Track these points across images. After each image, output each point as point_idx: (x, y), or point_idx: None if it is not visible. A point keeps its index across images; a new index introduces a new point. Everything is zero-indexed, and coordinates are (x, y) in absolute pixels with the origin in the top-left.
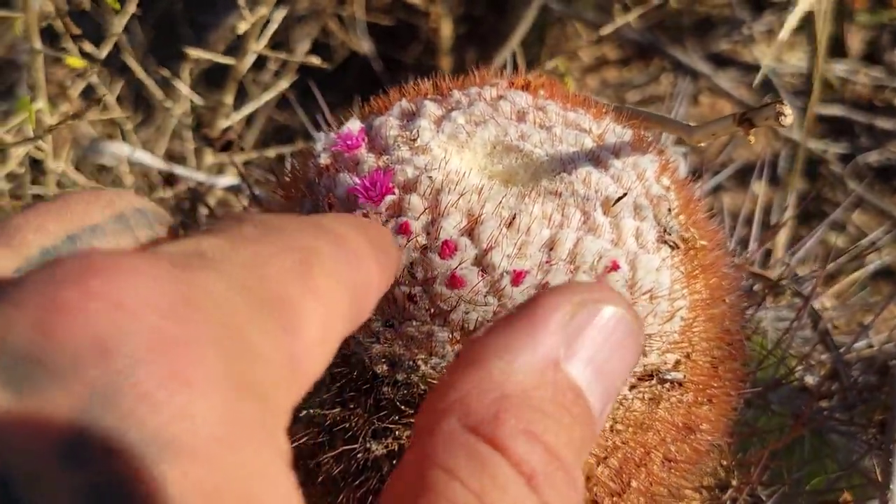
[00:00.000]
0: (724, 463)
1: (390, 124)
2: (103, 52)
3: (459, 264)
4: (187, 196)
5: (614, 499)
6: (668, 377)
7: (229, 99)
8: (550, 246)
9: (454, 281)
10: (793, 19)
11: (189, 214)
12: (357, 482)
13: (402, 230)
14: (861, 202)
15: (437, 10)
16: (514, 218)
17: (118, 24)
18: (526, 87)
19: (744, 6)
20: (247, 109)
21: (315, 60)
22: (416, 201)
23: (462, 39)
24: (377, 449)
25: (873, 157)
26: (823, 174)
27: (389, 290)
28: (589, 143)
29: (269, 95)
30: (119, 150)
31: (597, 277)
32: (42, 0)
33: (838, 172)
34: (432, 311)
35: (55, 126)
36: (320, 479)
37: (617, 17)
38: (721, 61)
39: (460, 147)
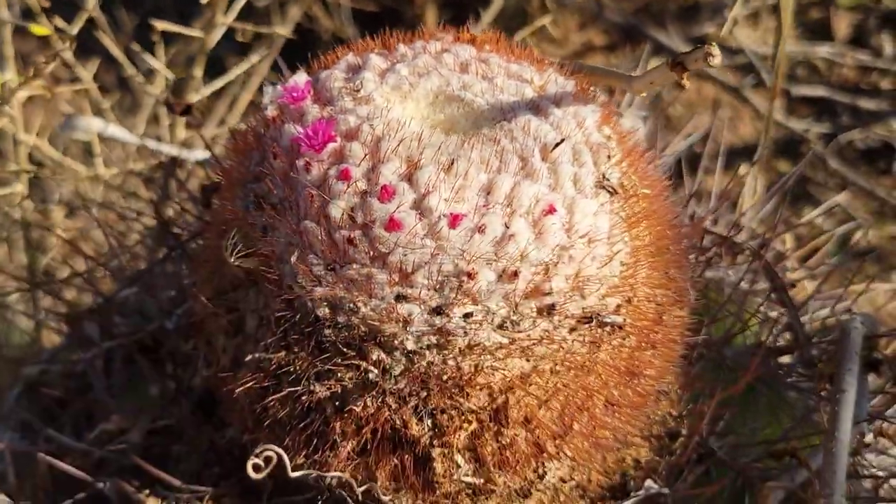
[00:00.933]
0: (674, 412)
1: (335, 77)
2: (75, 28)
3: (398, 208)
4: (161, 170)
5: (557, 441)
6: (608, 320)
7: (198, 72)
8: (488, 190)
9: (392, 224)
10: None
11: (163, 187)
12: (302, 424)
13: (343, 176)
14: (846, 184)
15: None
16: (452, 163)
17: (89, 2)
18: (472, 42)
19: None
20: (217, 83)
21: (283, 31)
22: (356, 148)
23: (447, 25)
24: (320, 391)
25: (856, 137)
26: (804, 154)
27: (329, 235)
28: (530, 92)
29: (239, 70)
30: (93, 126)
31: (533, 221)
32: None
33: (820, 152)
34: (372, 253)
35: (18, 87)
36: (267, 423)
37: None
38: (703, 43)
39: (403, 97)
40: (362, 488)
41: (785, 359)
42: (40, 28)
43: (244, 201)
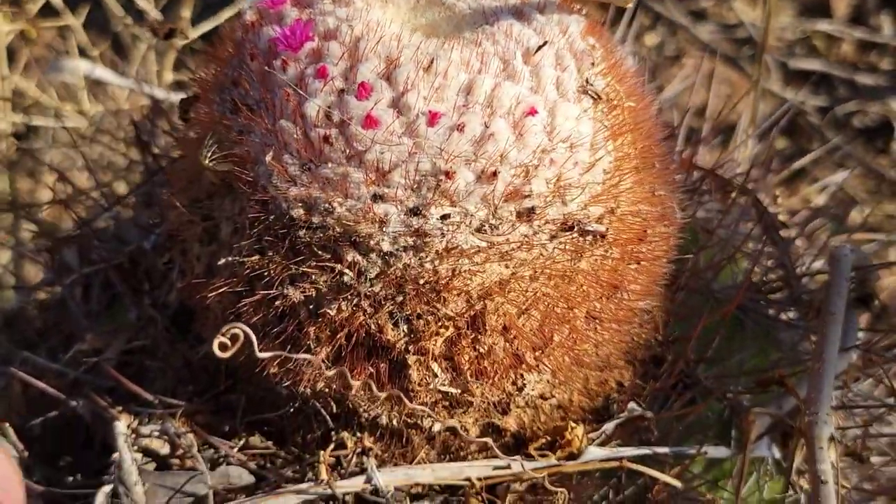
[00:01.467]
0: (659, 337)
1: None
2: None
3: (375, 105)
4: (148, 110)
5: (536, 353)
6: (590, 228)
7: (186, 13)
8: (468, 90)
9: (369, 121)
10: None
11: (150, 129)
12: (276, 330)
13: (320, 74)
14: (843, 160)
15: None
16: (432, 62)
17: None
18: None
19: None
20: (206, 25)
21: None
22: (334, 47)
23: None
24: (294, 294)
25: (852, 109)
26: (802, 125)
27: (305, 134)
28: None
29: (229, 12)
30: (80, 67)
31: (514, 122)
32: None
33: (816, 124)
34: (348, 152)
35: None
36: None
37: None
38: (700, 17)
39: (384, 2)
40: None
41: (774, 296)
42: None
43: (221, 105)
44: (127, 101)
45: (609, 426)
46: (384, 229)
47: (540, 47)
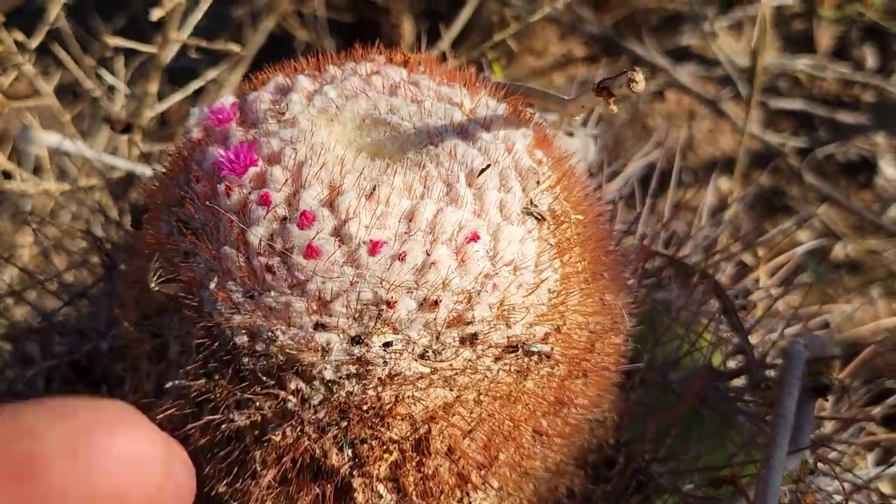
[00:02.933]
0: (611, 441)
1: (262, 99)
2: (34, 42)
3: (317, 234)
4: (119, 184)
5: (482, 472)
6: (535, 349)
7: (153, 88)
8: (410, 216)
9: (311, 251)
10: None
11: (121, 200)
12: (223, 452)
13: (263, 201)
14: (826, 198)
15: (399, 7)
16: (374, 189)
17: (51, 14)
18: (404, 64)
19: (710, 4)
20: (173, 98)
21: (234, 48)
22: (277, 173)
23: (425, 36)
24: (240, 419)
25: (833, 151)
26: (782, 168)
27: (248, 262)
28: (459, 116)
29: (196, 85)
30: (49, 140)
31: (456, 248)
32: None
33: (796, 166)
34: (290, 281)
35: None
36: (188, 450)
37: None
38: (682, 56)
39: (330, 120)
40: None
41: (735, 382)
42: None
43: (168, 225)
44: (90, 174)
45: None
46: (326, 358)
47: (483, 170)
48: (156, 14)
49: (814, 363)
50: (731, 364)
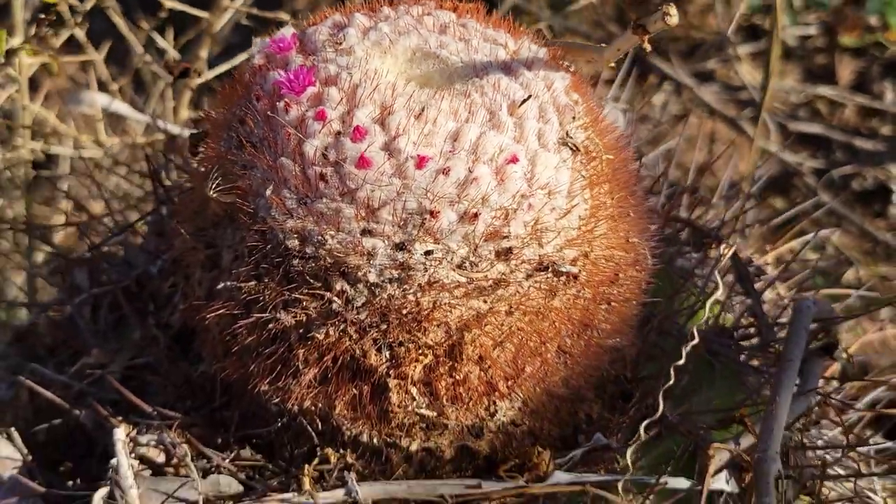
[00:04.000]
0: (629, 374)
1: (321, 32)
2: (88, 4)
3: (368, 147)
4: (162, 145)
5: (509, 382)
6: (564, 269)
7: (203, 53)
8: (455, 137)
9: (362, 162)
10: None
11: (163, 162)
12: (267, 350)
13: (319, 116)
14: (840, 224)
15: None
16: (422, 110)
17: None
18: (454, 9)
19: (737, 34)
20: (222, 67)
21: (284, 16)
22: (333, 93)
23: None
24: (286, 318)
25: (849, 172)
26: (798, 186)
27: (303, 171)
28: (503, 55)
29: (244, 56)
30: (98, 100)
31: (496, 168)
32: None
33: (812, 185)
34: (341, 189)
35: (20, 47)
36: (235, 349)
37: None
38: (706, 79)
39: (383, 52)
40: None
41: (745, 343)
42: None
43: (227, 142)
44: (143, 135)
45: (576, 453)
46: (371, 262)
47: (524, 101)
48: None
49: (820, 321)
50: (744, 326)
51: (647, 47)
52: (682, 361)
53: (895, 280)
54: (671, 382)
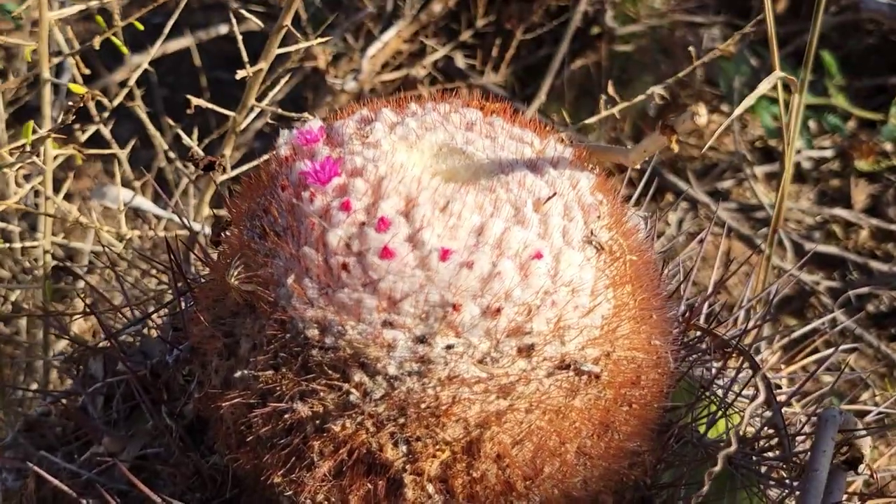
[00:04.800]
0: (649, 480)
1: (348, 125)
2: (114, 101)
3: (392, 238)
4: (184, 240)
5: (527, 482)
6: (586, 368)
7: (227, 151)
8: (479, 231)
9: (386, 252)
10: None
11: (183, 256)
12: (283, 441)
13: (344, 207)
14: (856, 348)
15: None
16: (447, 203)
17: (132, 76)
18: (480, 108)
19: (753, 154)
20: (245, 165)
21: (309, 117)
22: (359, 184)
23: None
24: (303, 409)
25: (865, 292)
26: (814, 306)
27: (326, 261)
28: (529, 153)
29: (266, 156)
30: (123, 196)
31: (520, 264)
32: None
33: (828, 304)
34: (364, 279)
35: (45, 135)
36: (249, 440)
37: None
38: (721, 198)
39: (409, 147)
40: None
41: (766, 455)
42: (77, 87)
43: (250, 231)
44: (164, 230)
45: None
46: (391, 354)
47: (549, 198)
48: (239, 74)
49: (845, 433)
50: (764, 437)
51: (675, 148)
52: (705, 489)
53: None
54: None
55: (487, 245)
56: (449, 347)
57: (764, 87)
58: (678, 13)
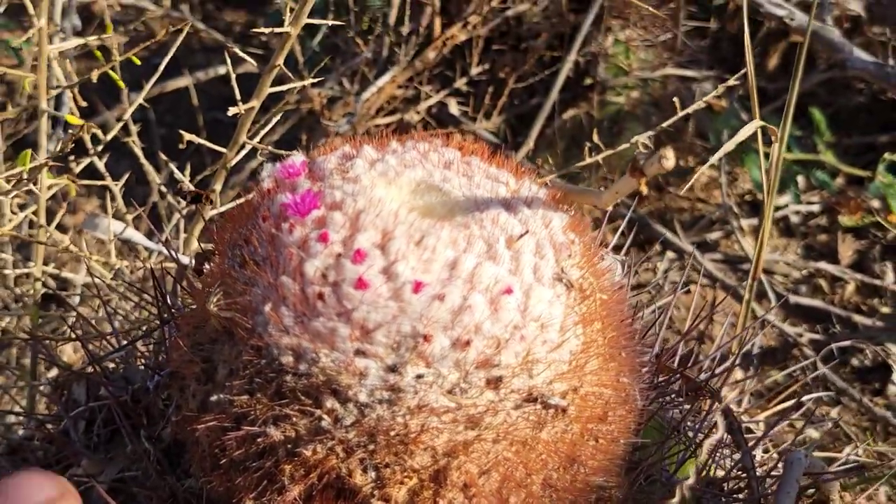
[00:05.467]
0: None
1: (330, 160)
2: (109, 135)
3: (367, 269)
4: (170, 271)
5: None
6: (553, 402)
7: (218, 185)
8: (452, 265)
9: (360, 283)
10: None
11: (169, 286)
12: (255, 464)
13: (322, 238)
14: (839, 401)
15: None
16: (422, 238)
17: (127, 111)
18: (459, 148)
19: (741, 207)
20: (234, 202)
21: (296, 154)
22: (337, 217)
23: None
24: (276, 434)
25: (847, 344)
26: (797, 357)
27: (303, 290)
28: (504, 192)
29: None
30: (113, 227)
31: (491, 298)
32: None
33: (811, 355)
34: (338, 309)
35: (42, 164)
36: (222, 462)
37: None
38: (708, 249)
39: (388, 183)
40: None
41: (735, 496)
42: (73, 118)
43: (231, 260)
44: (153, 262)
45: None
46: (363, 382)
47: (522, 235)
48: (231, 111)
49: (812, 476)
50: (734, 479)
51: (644, 190)
52: None
53: (894, 459)
54: None
55: (459, 279)
56: (419, 377)
57: (744, 134)
58: (670, 67)
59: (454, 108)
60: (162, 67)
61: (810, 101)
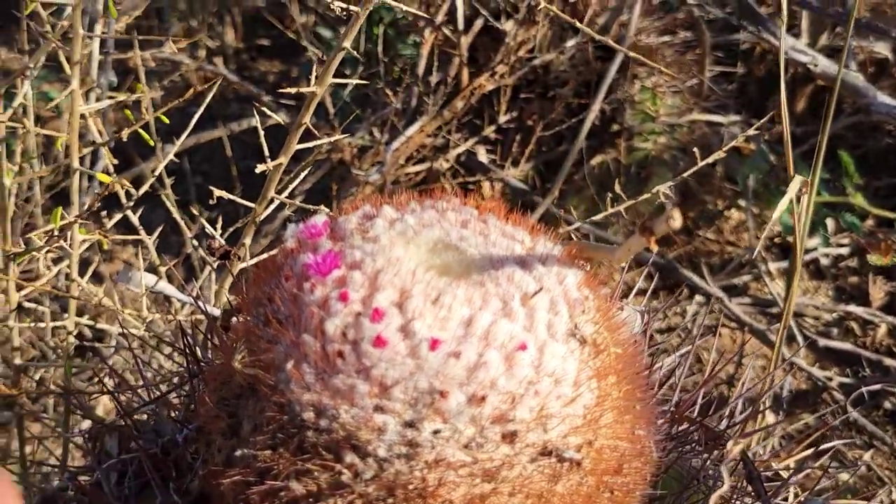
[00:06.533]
0: None
1: (351, 220)
2: (141, 190)
3: (385, 328)
4: (201, 324)
5: None
6: (567, 455)
7: (247, 240)
8: (468, 323)
9: (379, 341)
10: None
11: (199, 340)
12: None
13: (342, 298)
14: (872, 444)
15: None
16: (439, 296)
17: (158, 166)
18: (476, 207)
19: (769, 251)
20: (262, 256)
21: (324, 210)
22: (357, 277)
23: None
24: (297, 488)
25: (876, 388)
26: (827, 401)
27: (323, 348)
28: (519, 250)
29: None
30: (146, 280)
31: (506, 354)
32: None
33: (840, 400)
34: (357, 366)
35: (72, 221)
36: None
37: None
38: (737, 293)
39: (407, 242)
40: None
41: None
42: (104, 176)
43: (255, 318)
44: (184, 314)
45: None
46: (381, 437)
47: (536, 292)
48: (259, 168)
49: None
50: None
51: (654, 248)
52: None
53: None
54: None
55: (475, 336)
56: (436, 432)
57: (791, 193)
58: (697, 112)
59: (483, 155)
60: (194, 121)
61: (838, 144)
